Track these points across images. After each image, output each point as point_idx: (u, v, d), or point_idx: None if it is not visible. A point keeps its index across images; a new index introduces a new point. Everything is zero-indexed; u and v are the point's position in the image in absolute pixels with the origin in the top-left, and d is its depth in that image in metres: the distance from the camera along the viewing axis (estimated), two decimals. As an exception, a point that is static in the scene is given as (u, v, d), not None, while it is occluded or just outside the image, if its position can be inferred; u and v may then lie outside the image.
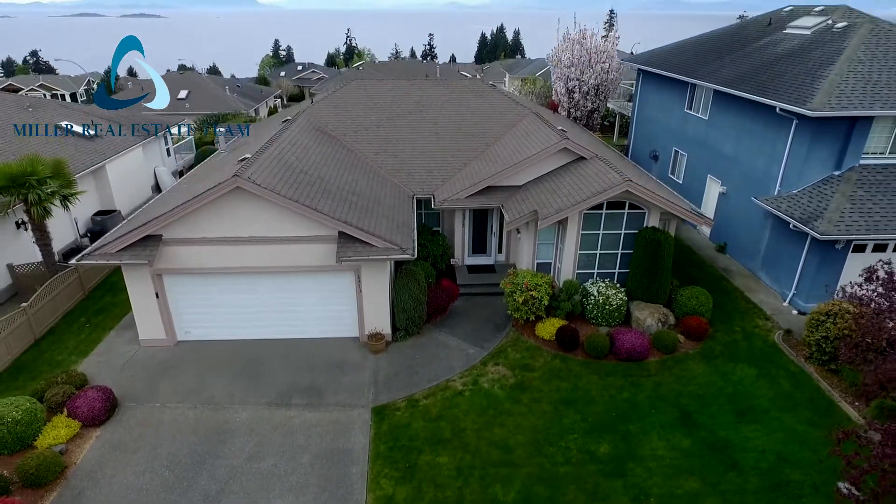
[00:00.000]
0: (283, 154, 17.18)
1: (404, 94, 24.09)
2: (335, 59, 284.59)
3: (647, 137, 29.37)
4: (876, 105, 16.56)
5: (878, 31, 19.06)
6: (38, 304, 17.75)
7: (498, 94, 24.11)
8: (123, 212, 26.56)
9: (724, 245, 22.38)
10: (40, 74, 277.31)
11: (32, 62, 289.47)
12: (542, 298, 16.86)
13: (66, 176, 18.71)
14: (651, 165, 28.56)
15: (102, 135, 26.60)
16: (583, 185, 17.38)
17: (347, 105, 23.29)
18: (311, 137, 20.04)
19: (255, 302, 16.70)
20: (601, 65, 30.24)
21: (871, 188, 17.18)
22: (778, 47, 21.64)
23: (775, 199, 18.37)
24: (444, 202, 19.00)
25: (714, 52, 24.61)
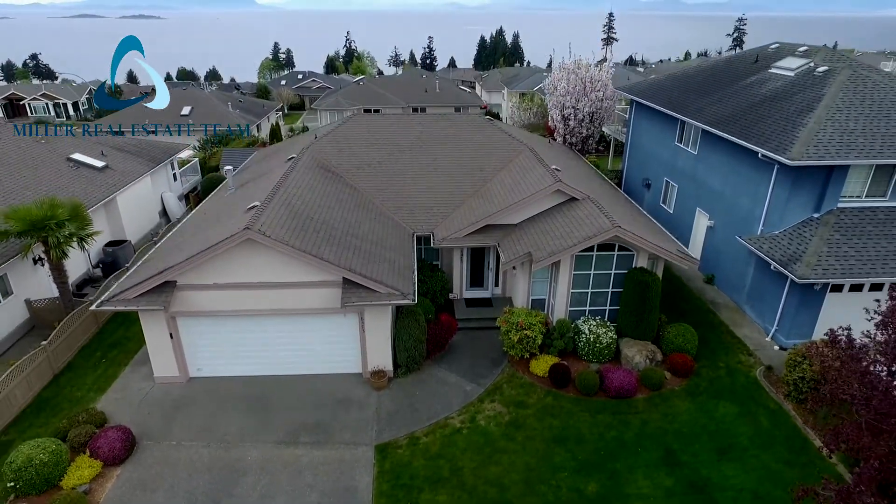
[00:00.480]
0: (290, 200, 18.09)
1: (405, 128, 25.01)
2: (335, 62, 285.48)
3: (641, 165, 30.30)
4: (851, 155, 17.49)
5: (856, 78, 19.98)
6: (57, 340, 18.66)
7: (495, 129, 25.02)
8: (133, 240, 27.50)
9: (712, 277, 23.32)
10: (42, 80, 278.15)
11: (32, 65, 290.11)
12: (535, 338, 17.79)
13: (84, 218, 19.62)
14: (644, 193, 29.50)
15: (112, 165, 27.48)
16: (574, 228, 18.30)
17: (350, 140, 24.21)
18: (315, 178, 20.96)
19: (264, 340, 17.61)
20: (595, 93, 31.16)
21: (848, 231, 18.11)
22: (763, 87, 22.57)
23: (758, 239, 19.30)
24: (443, 241, 19.92)
25: (703, 88, 25.54)
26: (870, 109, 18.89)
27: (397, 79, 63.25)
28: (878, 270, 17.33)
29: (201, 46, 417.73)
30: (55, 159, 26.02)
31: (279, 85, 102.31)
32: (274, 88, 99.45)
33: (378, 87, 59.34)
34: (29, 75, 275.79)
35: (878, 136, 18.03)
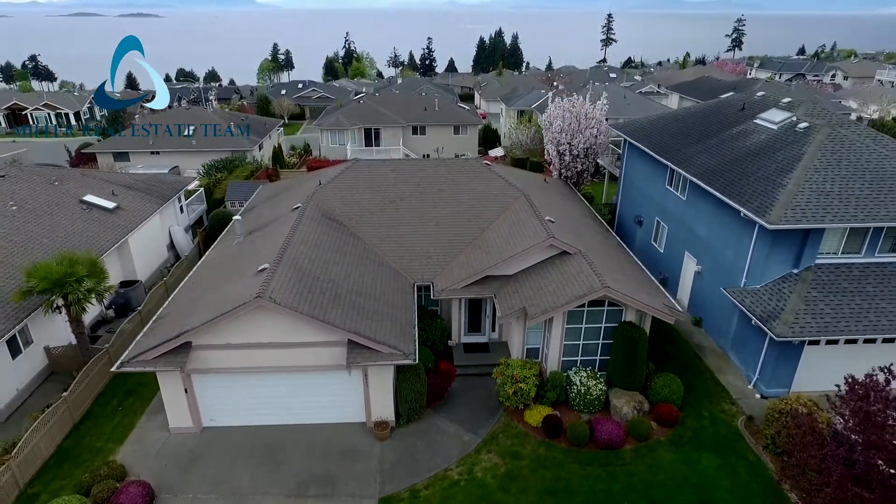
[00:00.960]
0: (297, 259, 19.12)
1: (406, 175, 26.03)
2: (334, 63, 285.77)
3: (633, 201, 31.33)
4: (826, 218, 18.54)
5: (833, 137, 21.00)
6: (76, 390, 19.70)
7: (492, 176, 26.04)
8: (144, 276, 28.53)
9: (700, 320, 24.38)
10: (41, 81, 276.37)
11: (31, 67, 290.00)
12: (529, 391, 18.86)
13: (101, 273, 20.64)
14: (636, 230, 30.55)
15: (123, 205, 28.49)
16: (567, 284, 19.35)
17: (352, 188, 25.23)
18: (320, 231, 21.99)
19: (274, 393, 18.67)
20: (590, 130, 32.16)
21: (824, 289, 19.17)
22: (748, 140, 23.60)
23: (741, 292, 20.35)
24: (442, 292, 20.98)
25: (692, 134, 26.56)
26: (846, 170, 19.93)
27: (397, 97, 64.12)
28: (852, 327, 18.40)
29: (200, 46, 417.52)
30: (69, 202, 27.03)
31: (279, 95, 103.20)
32: (274, 98, 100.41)
33: (378, 106, 60.25)
34: (28, 77, 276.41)
35: (853, 198, 19.07)
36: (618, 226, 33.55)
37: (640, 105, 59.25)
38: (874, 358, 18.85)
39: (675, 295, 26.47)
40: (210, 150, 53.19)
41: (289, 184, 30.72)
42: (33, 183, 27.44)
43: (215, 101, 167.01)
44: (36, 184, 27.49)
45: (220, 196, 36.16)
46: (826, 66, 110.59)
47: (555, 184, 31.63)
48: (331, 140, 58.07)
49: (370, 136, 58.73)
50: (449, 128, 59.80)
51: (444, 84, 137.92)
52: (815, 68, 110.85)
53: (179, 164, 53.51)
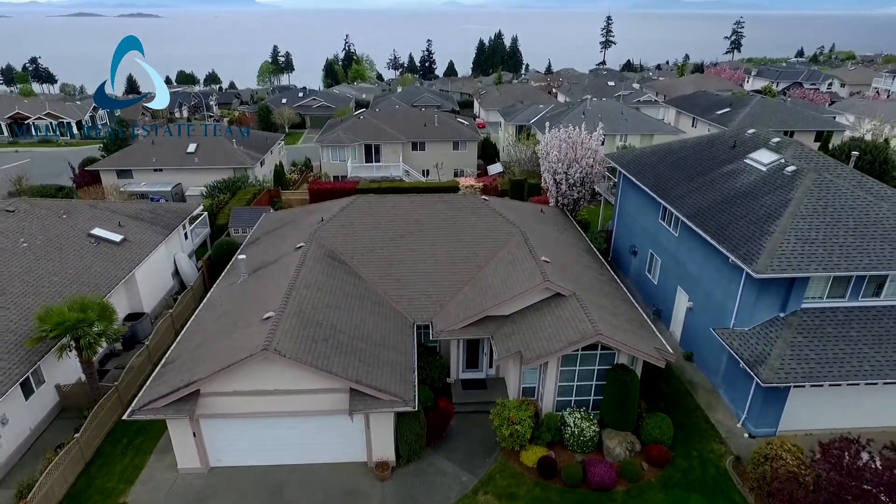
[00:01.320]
0: (301, 306, 19.81)
1: (406, 211, 26.74)
2: (334, 66, 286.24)
3: (628, 230, 32.03)
4: (811, 267, 19.25)
5: (819, 183, 21.70)
6: (87, 430, 20.39)
7: (489, 212, 26.73)
8: (150, 305, 29.23)
9: (691, 354, 25.07)
10: (42, 83, 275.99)
11: (32, 69, 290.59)
12: (525, 432, 19.57)
13: (111, 317, 21.33)
14: (631, 259, 31.26)
15: (129, 237, 29.17)
16: (561, 329, 20.06)
17: (354, 225, 25.93)
18: (323, 273, 22.68)
19: (278, 435, 19.37)
20: (586, 160, 32.85)
21: (809, 333, 19.88)
22: (738, 180, 24.30)
23: (730, 333, 21.05)
24: (441, 333, 21.70)
25: (685, 169, 27.25)
26: (830, 217, 20.63)
27: (397, 112, 64.83)
28: (835, 373, 19.10)
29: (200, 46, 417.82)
30: (77, 236, 27.71)
31: (280, 104, 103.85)
32: (275, 107, 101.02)
33: (378, 121, 60.93)
34: (29, 79, 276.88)
35: (837, 245, 19.78)
36: (613, 253, 34.32)
37: (638, 121, 60.00)
38: (857, 398, 19.75)
39: (669, 327, 27.21)
40: (212, 167, 53.82)
41: (292, 214, 31.38)
42: (42, 217, 28.11)
43: (216, 106, 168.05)
44: (45, 218, 28.17)
45: (224, 221, 36.81)
46: (823, 76, 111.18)
47: (552, 213, 32.33)
48: (331, 156, 58.77)
49: (370, 151, 59.44)
50: (448, 143, 60.50)
51: (443, 91, 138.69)
52: (811, 77, 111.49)
53: (182, 182, 54.24)
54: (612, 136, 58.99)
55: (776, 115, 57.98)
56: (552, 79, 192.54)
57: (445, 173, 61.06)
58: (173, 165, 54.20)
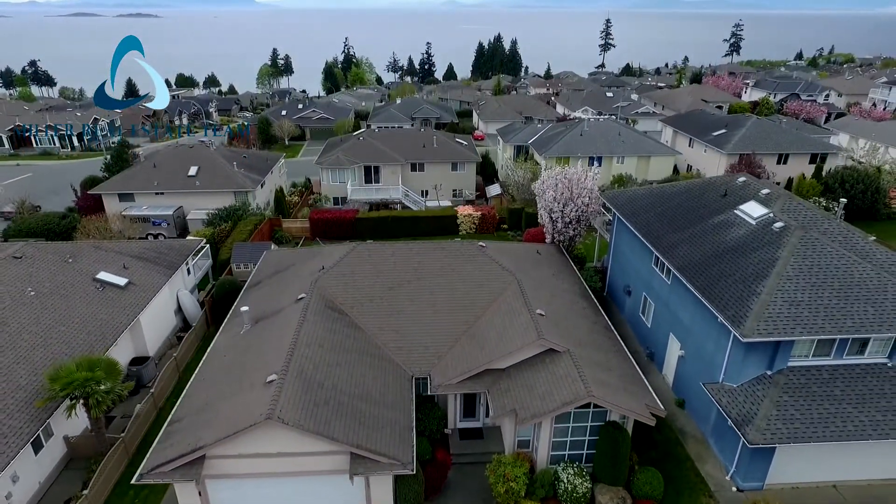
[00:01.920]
0: (303, 367, 20.44)
1: (405, 259, 27.36)
2: (333, 69, 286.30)
3: (623, 269, 32.68)
4: (796, 331, 19.91)
5: (806, 242, 22.33)
6: (95, 485, 21.05)
7: (486, 260, 27.36)
8: (154, 346, 29.87)
9: (683, 401, 25.73)
10: (41, 86, 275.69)
11: (31, 72, 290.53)
12: (520, 490, 20.23)
13: (118, 375, 21.97)
14: (625, 299, 31.91)
15: (134, 280, 29.80)
16: (555, 388, 20.71)
17: (354, 273, 26.57)
18: (324, 327, 23.31)
19: (281, 493, 20.00)
20: (581, 199, 33.48)
21: (795, 393, 20.53)
22: (728, 233, 24.94)
23: (719, 389, 21.71)
24: (438, 388, 22.37)
25: (677, 217, 27.90)
26: (816, 277, 21.27)
27: (397, 132, 65.38)
28: (820, 433, 19.75)
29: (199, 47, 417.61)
30: (82, 282, 28.35)
31: (280, 116, 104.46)
32: (275, 120, 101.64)
33: (378, 143, 61.55)
34: (28, 82, 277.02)
35: (822, 308, 20.43)
36: (608, 289, 34.96)
37: (635, 142, 60.65)
38: (843, 453, 20.46)
39: (661, 370, 27.87)
40: (214, 190, 54.46)
41: (293, 256, 31.94)
42: (48, 262, 28.75)
43: (216, 113, 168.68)
44: (51, 263, 28.80)
45: (226, 256, 37.43)
46: (819, 87, 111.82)
47: (548, 252, 32.93)
48: (331, 178, 59.40)
49: (370, 173, 60.07)
50: (447, 164, 61.13)
51: (442, 100, 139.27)
52: (808, 88, 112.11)
53: (184, 205, 54.88)
54: (608, 158, 59.76)
55: (771, 137, 58.63)
56: (551, 84, 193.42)
57: (444, 194, 61.74)
58: (175, 189, 54.81)
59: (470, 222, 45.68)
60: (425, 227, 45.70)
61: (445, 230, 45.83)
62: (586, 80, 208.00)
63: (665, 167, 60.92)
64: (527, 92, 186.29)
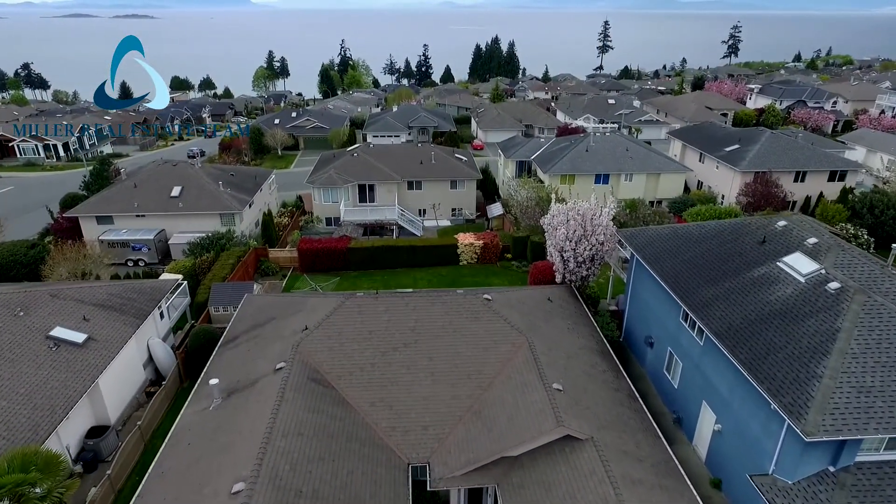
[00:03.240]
0: (278, 469, 17.07)
1: (400, 316, 24.01)
2: (329, 71, 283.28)
3: (642, 315, 29.38)
4: (870, 427, 16.61)
5: (870, 308, 19.02)
6: None
7: (492, 316, 24.04)
8: (117, 411, 26.46)
9: (720, 482, 22.41)
10: (34, 89, 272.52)
11: (24, 75, 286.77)
12: None
13: (58, 472, 18.55)
14: (646, 351, 28.60)
15: (94, 334, 26.38)
16: (578, 491, 17.40)
17: (342, 335, 23.20)
18: (305, 406, 19.94)
19: None
20: (595, 237, 30.16)
21: (867, 497, 17.20)
22: (772, 292, 21.61)
23: (771, 486, 18.38)
24: (440, 482, 19.03)
25: (709, 268, 24.57)
26: (887, 356, 17.97)
27: (393, 148, 61.84)
28: (899, 551, 16.48)
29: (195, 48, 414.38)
30: (34, 340, 24.90)
31: (272, 125, 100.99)
32: (267, 129, 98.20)
33: (373, 159, 58.14)
34: (21, 85, 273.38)
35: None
36: (625, 334, 31.65)
37: (644, 159, 57.43)
38: None
39: (692, 440, 24.57)
40: (198, 212, 51.11)
41: (275, 304, 28.34)
42: (-4, 317, 25.31)
43: (209, 118, 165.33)
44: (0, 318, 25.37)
45: (204, 298, 33.96)
46: (826, 94, 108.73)
47: (559, 296, 29.54)
48: (323, 198, 56.02)
49: (364, 192, 56.72)
50: (445, 182, 57.78)
51: (440, 105, 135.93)
52: (815, 95, 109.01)
53: (166, 228, 51.48)
54: (616, 176, 56.48)
55: (788, 153, 55.40)
56: (549, 87, 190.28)
57: (443, 213, 58.42)
58: (156, 211, 51.42)
59: (471, 252, 42.27)
60: (423, 258, 42.26)
61: (445, 260, 42.41)
62: (585, 83, 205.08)
63: (675, 185, 57.61)
64: (525, 95, 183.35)
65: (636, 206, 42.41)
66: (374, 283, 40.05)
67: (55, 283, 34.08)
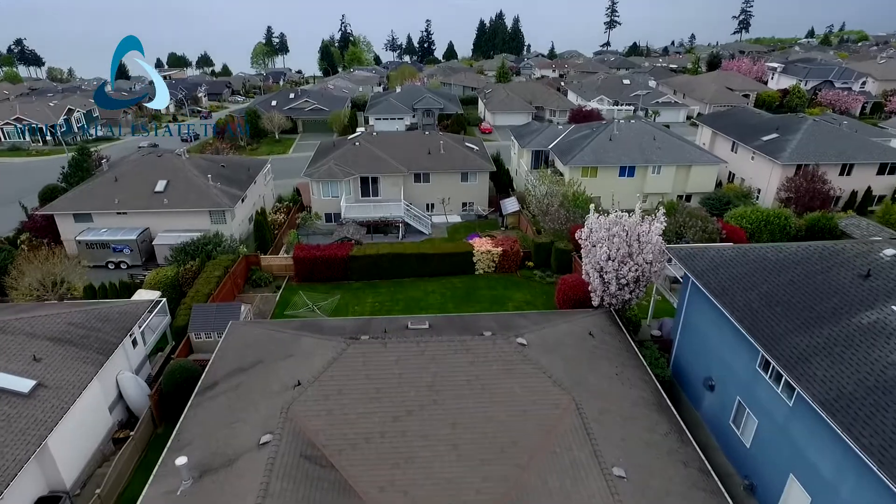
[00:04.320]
0: None
1: (414, 368, 19.43)
2: (330, 47, 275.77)
3: (698, 351, 24.80)
4: None
5: None
6: None
7: (529, 369, 19.48)
8: (75, 474, 22.08)
9: (814, 579, 18.06)
10: (28, 66, 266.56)
11: (18, 51, 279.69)
12: None
13: None
14: (703, 393, 24.09)
15: (45, 379, 21.90)
16: None
17: (342, 393, 18.66)
18: (296, 498, 15.47)
19: None
20: (643, 256, 25.47)
21: None
22: (891, 349, 16.96)
23: None
24: None
25: (796, 307, 19.87)
26: None
27: (398, 136, 56.53)
28: None
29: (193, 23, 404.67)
30: (-32, 393, 20.43)
31: (270, 107, 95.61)
32: (264, 111, 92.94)
33: (376, 149, 53.07)
34: (14, 62, 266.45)
35: None
36: (674, 368, 27.06)
37: (673, 148, 52.41)
38: None
39: (770, 514, 20.15)
40: (185, 210, 46.48)
41: (263, 342, 23.65)
42: (-75, 363, 20.81)
43: (205, 98, 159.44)
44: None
45: (184, 322, 29.33)
46: (855, 73, 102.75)
47: (600, 327, 24.90)
48: (323, 192, 51.17)
49: (367, 185, 51.86)
50: (456, 174, 52.85)
51: (445, 84, 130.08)
52: (843, 75, 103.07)
53: (150, 227, 46.87)
54: (642, 168, 51.55)
55: (833, 143, 50.30)
56: (556, 65, 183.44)
57: (453, 209, 53.64)
58: (139, 208, 46.79)
59: (488, 260, 37.55)
60: (435, 266, 37.51)
61: (459, 269, 37.72)
62: (593, 60, 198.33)
63: (707, 179, 52.57)
64: (532, 73, 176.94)
65: (675, 208, 37.51)
66: (378, 296, 35.46)
67: (11, 304, 29.53)
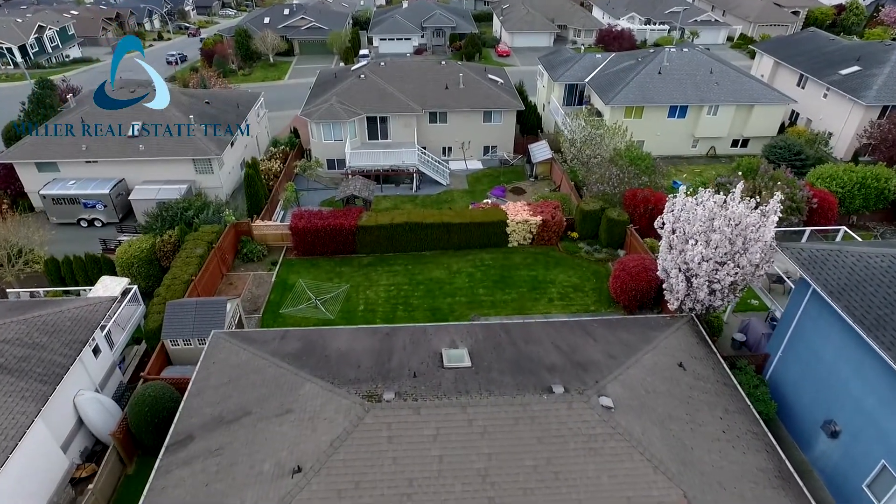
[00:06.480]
0: None
1: (459, 453, 13.83)
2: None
3: (812, 383, 19.18)
4: None
5: None
6: None
7: (619, 443, 13.89)
8: (17, 537, 17.24)
9: None
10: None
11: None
12: None
13: None
14: (816, 435, 18.69)
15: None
16: None
17: (360, 486, 13.15)
18: None
19: None
20: (749, 257, 19.31)
21: None
22: None
23: None
24: None
25: None
26: None
27: (409, 70, 47.77)
28: None
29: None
30: None
31: (262, 26, 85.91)
32: (256, 31, 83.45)
33: (385, 82, 45.44)
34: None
35: None
36: (771, 390, 21.52)
37: (732, 84, 44.99)
38: None
39: None
40: (165, 158, 40.05)
41: (252, 369, 18.08)
42: None
43: (193, 12, 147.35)
44: None
45: (156, 325, 23.56)
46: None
47: (686, 349, 19.21)
48: (324, 134, 44.19)
49: (375, 126, 44.83)
50: (478, 114, 45.57)
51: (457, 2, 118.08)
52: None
53: (126, 178, 40.58)
54: (697, 108, 44.32)
55: (927, 79, 42.60)
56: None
57: (473, 154, 46.83)
58: (111, 156, 40.36)
59: (525, 231, 31.31)
60: (461, 238, 31.15)
61: (490, 241, 31.52)
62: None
63: (771, 121, 45.18)
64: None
65: (754, 169, 30.68)
66: (394, 275, 29.57)
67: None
